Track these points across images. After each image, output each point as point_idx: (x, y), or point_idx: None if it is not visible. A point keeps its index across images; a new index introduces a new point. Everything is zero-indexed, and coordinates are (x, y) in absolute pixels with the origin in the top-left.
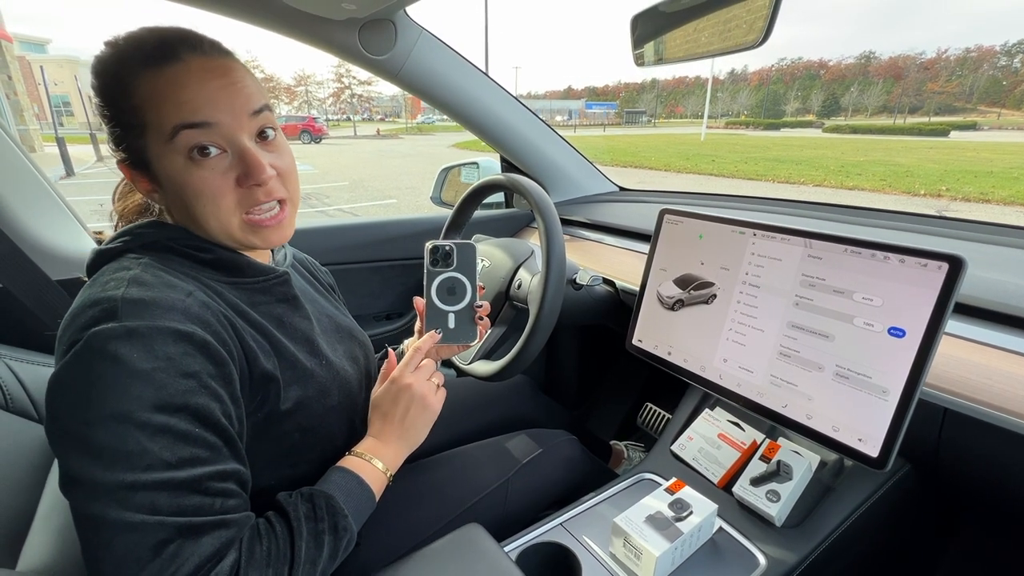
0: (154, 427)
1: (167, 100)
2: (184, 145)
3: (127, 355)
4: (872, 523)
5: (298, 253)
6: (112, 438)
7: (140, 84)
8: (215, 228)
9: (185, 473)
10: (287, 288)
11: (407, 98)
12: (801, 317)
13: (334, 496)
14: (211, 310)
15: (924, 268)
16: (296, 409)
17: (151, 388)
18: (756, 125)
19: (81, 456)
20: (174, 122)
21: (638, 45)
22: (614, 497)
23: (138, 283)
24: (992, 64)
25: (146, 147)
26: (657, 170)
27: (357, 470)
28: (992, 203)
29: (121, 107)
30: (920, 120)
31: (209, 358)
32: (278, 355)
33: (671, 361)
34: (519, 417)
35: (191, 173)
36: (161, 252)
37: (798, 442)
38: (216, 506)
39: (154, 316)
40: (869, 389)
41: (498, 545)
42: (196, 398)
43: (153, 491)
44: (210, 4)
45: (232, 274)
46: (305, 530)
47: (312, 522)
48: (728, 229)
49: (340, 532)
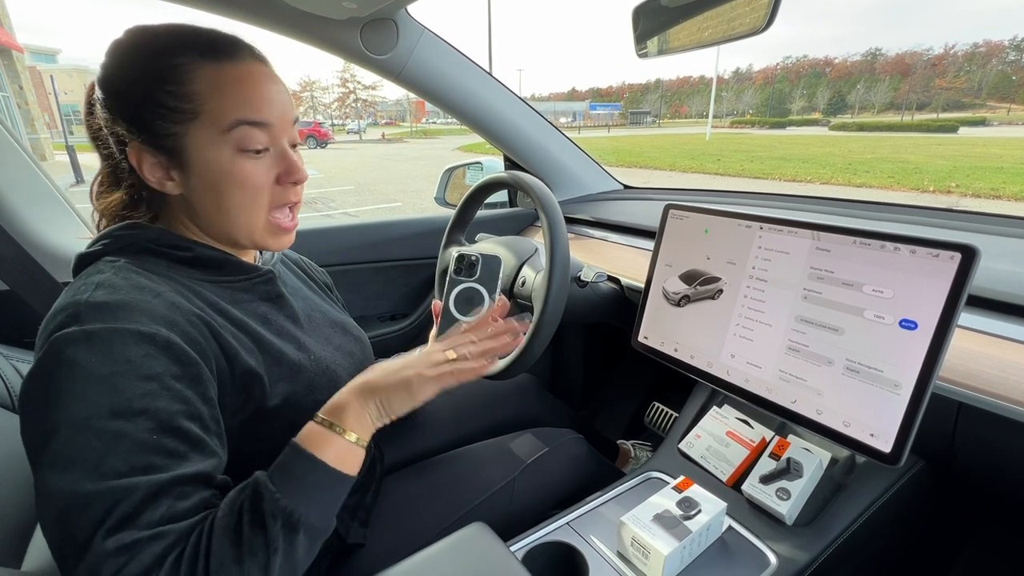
0: (111, 434)
1: (230, 94)
2: (239, 139)
3: (84, 360)
4: (885, 521)
5: (291, 254)
6: (67, 445)
7: (201, 73)
8: (242, 222)
9: (136, 480)
10: (271, 287)
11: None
12: (810, 311)
13: (260, 481)
14: (181, 310)
15: (936, 259)
16: (283, 405)
17: (108, 393)
18: (762, 124)
19: (40, 463)
20: (236, 116)
21: (641, 38)
22: (621, 496)
23: (104, 287)
24: (1001, 59)
25: (188, 133)
26: (662, 170)
27: (301, 440)
28: (1003, 199)
29: (172, 91)
30: (928, 117)
31: (173, 359)
32: (262, 351)
33: (678, 358)
34: (525, 416)
35: (238, 165)
36: (138, 254)
37: (808, 439)
38: (161, 515)
39: (116, 319)
40: (881, 383)
41: (504, 545)
42: (156, 402)
43: (103, 499)
44: (212, 5)
45: (212, 272)
46: (218, 527)
47: (229, 516)
48: (734, 223)
49: (268, 516)
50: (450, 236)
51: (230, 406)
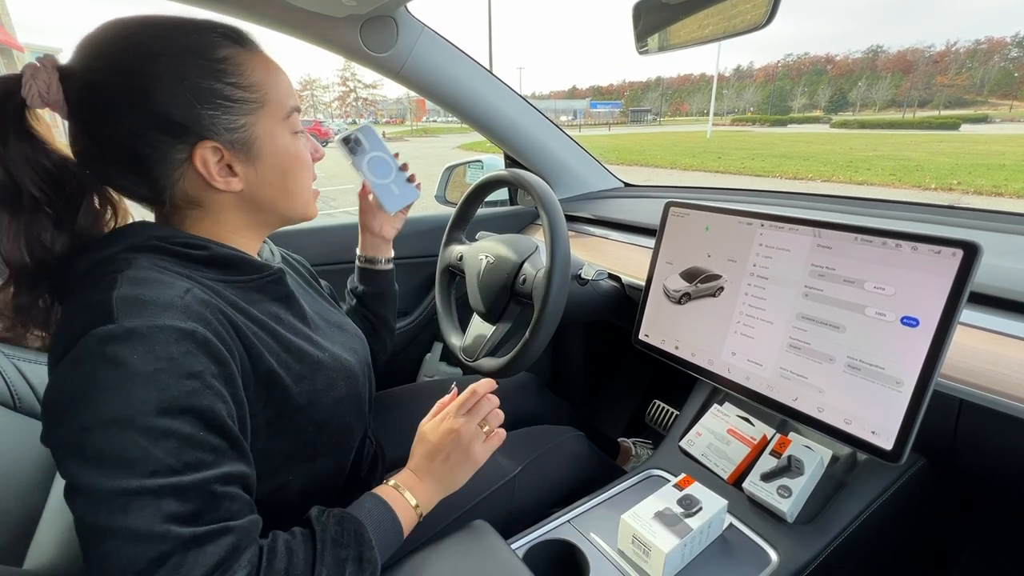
0: (158, 431)
1: (278, 82)
2: (293, 122)
3: (127, 357)
4: (886, 519)
5: (286, 253)
6: (114, 444)
7: (251, 63)
8: (304, 199)
9: (190, 478)
10: (281, 286)
11: (412, 101)
12: (811, 308)
13: (364, 524)
14: (210, 307)
15: (938, 255)
16: (307, 404)
17: (154, 391)
18: (763, 122)
19: (81, 464)
20: (291, 103)
21: (641, 35)
22: (622, 494)
23: (132, 281)
24: (1003, 56)
25: (256, 123)
26: (663, 168)
27: (391, 501)
28: (1005, 196)
29: (236, 83)
30: (930, 114)
31: (211, 357)
32: (285, 350)
33: (679, 356)
34: (526, 414)
35: (298, 147)
36: (150, 252)
37: (809, 436)
38: (220, 512)
39: (153, 315)
40: (882, 380)
41: (505, 542)
42: (200, 399)
43: (157, 498)
44: (212, 4)
45: (227, 272)
46: (328, 555)
47: (337, 548)
48: (735, 220)
49: (364, 564)
50: (450, 234)
51: (254, 407)
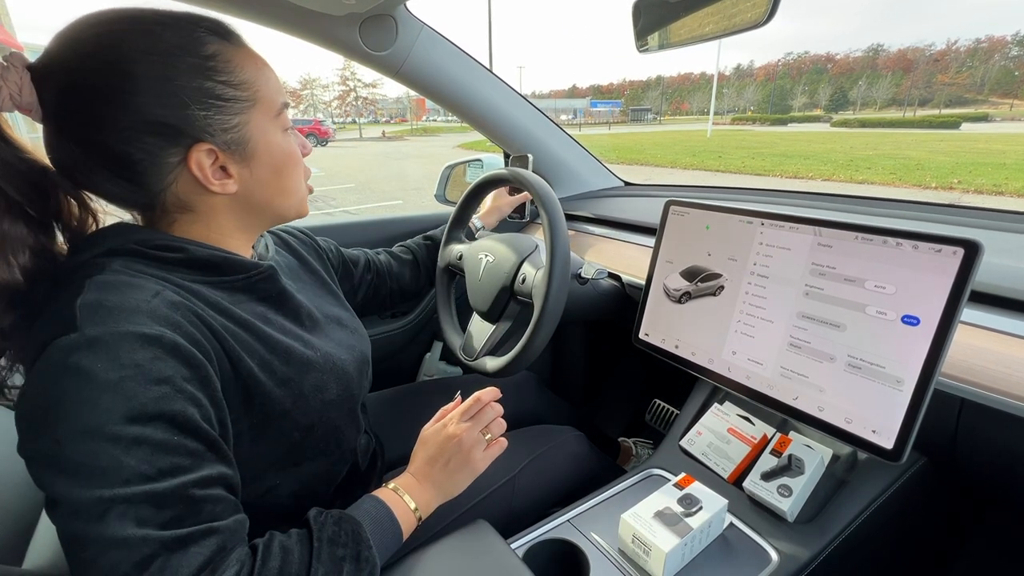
0: (128, 439)
1: (268, 78)
2: (283, 119)
3: (91, 366)
4: (887, 518)
5: (288, 230)
6: (86, 455)
7: (240, 59)
8: (299, 197)
9: (166, 483)
10: (271, 284)
11: (412, 100)
12: (811, 307)
13: (362, 524)
14: (181, 310)
15: (938, 254)
16: (292, 408)
17: (121, 399)
18: (763, 121)
19: (56, 475)
20: (281, 100)
21: (641, 34)
22: (622, 493)
23: (98, 286)
24: (1004, 54)
25: (249, 122)
26: (663, 167)
27: (390, 503)
28: (1006, 194)
29: (227, 81)
30: (930, 113)
31: (182, 361)
32: (271, 351)
33: (679, 355)
34: (526, 413)
35: (290, 144)
36: (127, 256)
37: (810, 435)
38: (203, 515)
39: (116, 321)
40: (883, 379)
41: (505, 542)
42: (171, 404)
43: (134, 505)
44: (212, 2)
45: (208, 273)
46: (325, 554)
47: (334, 547)
48: (735, 219)
49: (362, 563)
50: (450, 233)
51: (235, 410)
